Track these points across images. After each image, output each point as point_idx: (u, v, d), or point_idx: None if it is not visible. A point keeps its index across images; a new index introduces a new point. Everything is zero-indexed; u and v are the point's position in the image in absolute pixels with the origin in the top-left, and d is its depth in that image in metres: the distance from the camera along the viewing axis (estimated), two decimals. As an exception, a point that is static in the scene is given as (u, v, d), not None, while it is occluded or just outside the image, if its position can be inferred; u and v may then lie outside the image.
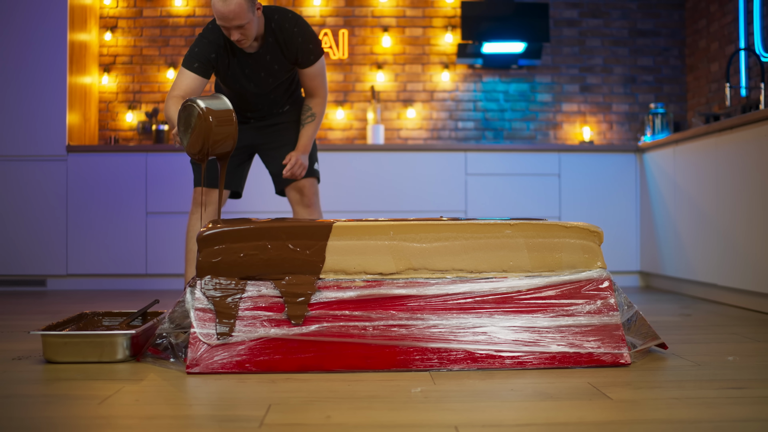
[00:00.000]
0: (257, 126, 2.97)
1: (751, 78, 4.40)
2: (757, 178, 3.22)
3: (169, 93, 2.69)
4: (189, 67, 2.68)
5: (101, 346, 2.06)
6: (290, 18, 2.71)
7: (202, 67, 2.68)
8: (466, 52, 5.02)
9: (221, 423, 1.47)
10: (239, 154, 2.96)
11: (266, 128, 2.97)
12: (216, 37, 2.69)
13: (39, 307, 3.47)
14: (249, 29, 2.58)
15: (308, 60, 2.76)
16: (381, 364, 1.94)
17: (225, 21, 2.52)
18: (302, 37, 2.71)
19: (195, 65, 2.68)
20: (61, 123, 4.49)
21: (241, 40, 2.59)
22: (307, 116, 2.89)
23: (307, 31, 2.73)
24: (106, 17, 5.12)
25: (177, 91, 2.67)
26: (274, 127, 2.97)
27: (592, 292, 2.05)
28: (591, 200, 4.53)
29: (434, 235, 2.07)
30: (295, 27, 2.70)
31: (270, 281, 2.00)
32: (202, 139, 2.28)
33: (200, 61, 2.68)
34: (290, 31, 2.70)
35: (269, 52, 2.73)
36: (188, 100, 2.31)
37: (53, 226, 4.42)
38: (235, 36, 2.57)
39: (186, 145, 2.35)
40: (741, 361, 2.08)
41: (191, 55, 2.69)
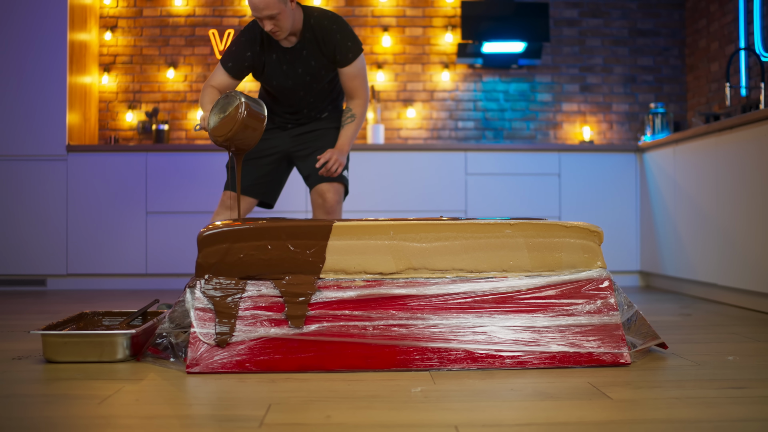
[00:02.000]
0: (295, 133, 2.95)
1: (751, 78, 4.40)
2: (757, 178, 3.22)
3: (206, 82, 2.77)
4: (224, 64, 2.75)
5: (101, 346, 2.06)
6: (329, 16, 2.74)
7: (236, 68, 2.74)
8: (466, 52, 5.02)
9: (221, 423, 1.47)
10: (272, 159, 2.93)
11: (303, 135, 2.95)
12: (253, 34, 2.74)
13: (39, 307, 3.47)
14: (282, 20, 2.60)
15: (346, 58, 2.76)
16: (381, 363, 1.94)
17: (257, 11, 2.57)
18: (340, 33, 2.73)
19: (229, 64, 2.75)
20: (61, 123, 4.49)
21: (275, 31, 2.62)
22: (348, 117, 2.88)
23: (345, 29, 2.75)
24: (106, 17, 5.12)
25: (213, 82, 2.75)
26: (312, 133, 2.94)
27: (592, 292, 2.05)
28: (591, 200, 4.53)
29: (434, 234, 2.07)
30: (333, 24, 2.72)
31: (270, 281, 2.01)
32: (230, 125, 2.36)
33: (234, 61, 2.74)
34: (329, 28, 2.72)
35: (306, 47, 2.74)
36: (233, 92, 2.40)
37: (53, 225, 4.42)
38: (268, 26, 2.60)
39: (213, 127, 2.40)
40: (741, 360, 2.08)
41: (229, 53, 2.76)
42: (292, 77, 2.79)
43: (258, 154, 2.91)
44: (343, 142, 2.84)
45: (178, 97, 5.12)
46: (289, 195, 4.41)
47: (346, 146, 2.84)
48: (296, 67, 2.78)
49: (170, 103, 5.12)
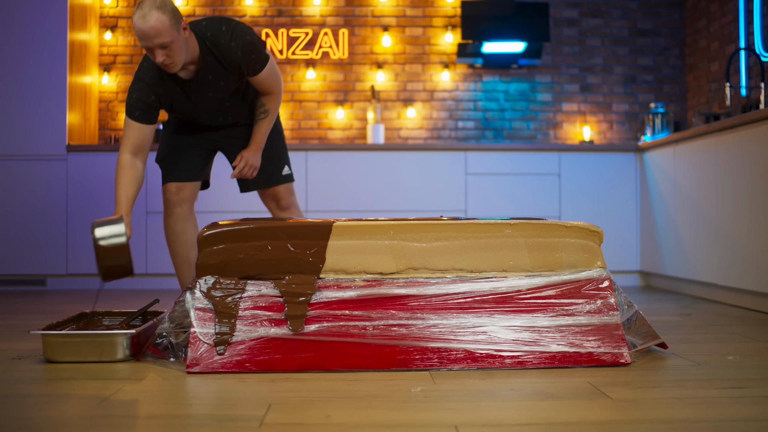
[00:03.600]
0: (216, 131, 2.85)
1: (751, 77, 4.40)
2: (757, 178, 3.22)
3: (120, 149, 2.54)
4: (131, 116, 2.54)
5: (101, 346, 2.06)
6: (224, 32, 2.51)
7: (145, 114, 2.54)
8: (466, 52, 5.02)
9: (221, 422, 1.47)
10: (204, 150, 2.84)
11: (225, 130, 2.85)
12: (151, 76, 2.53)
13: (39, 307, 3.47)
14: (175, 50, 2.38)
15: (254, 69, 2.58)
16: (381, 363, 1.94)
17: (146, 40, 2.33)
18: (241, 50, 2.52)
19: (136, 113, 2.54)
20: (61, 122, 4.49)
21: (167, 63, 2.39)
22: (261, 112, 2.74)
23: (244, 41, 2.52)
24: (106, 17, 5.12)
25: (126, 147, 2.53)
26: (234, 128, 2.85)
27: (592, 292, 2.05)
28: (591, 200, 4.53)
29: (434, 234, 2.07)
30: (231, 41, 2.51)
31: (270, 281, 2.01)
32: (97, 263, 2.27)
33: (141, 108, 2.53)
34: (227, 47, 2.51)
35: (210, 71, 2.56)
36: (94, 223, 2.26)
37: (53, 225, 4.42)
38: (160, 57, 2.36)
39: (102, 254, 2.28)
40: (741, 360, 2.08)
41: (131, 102, 2.54)
42: (203, 104, 2.64)
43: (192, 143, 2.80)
44: (258, 139, 2.74)
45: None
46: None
47: (261, 143, 2.75)
48: (204, 94, 2.61)
49: (170, 103, 5.12)
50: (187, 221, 2.79)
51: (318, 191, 4.47)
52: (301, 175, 4.47)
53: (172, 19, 2.36)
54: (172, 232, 2.79)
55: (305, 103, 5.14)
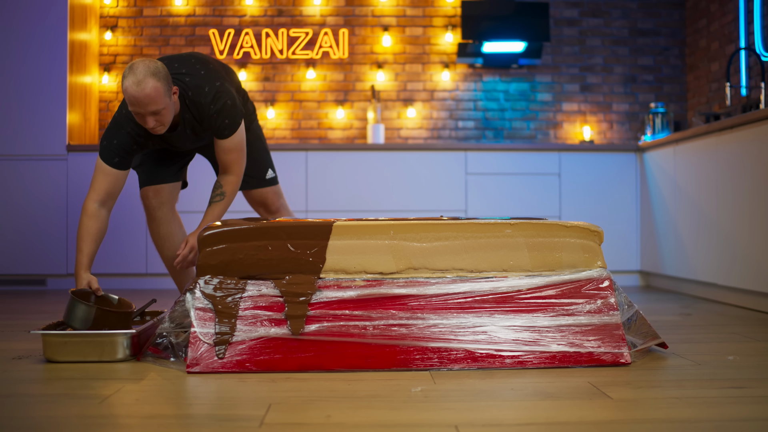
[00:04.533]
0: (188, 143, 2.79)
1: (751, 77, 4.40)
2: (757, 178, 3.21)
3: (87, 195, 2.45)
4: (109, 161, 2.44)
5: (101, 346, 2.06)
6: (206, 93, 2.46)
7: (123, 161, 2.46)
8: (467, 52, 5.02)
9: (221, 422, 1.47)
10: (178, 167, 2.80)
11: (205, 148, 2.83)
12: (133, 126, 2.45)
13: (39, 307, 3.47)
14: (165, 115, 2.34)
15: (222, 134, 2.51)
16: (381, 363, 1.94)
17: (139, 107, 2.28)
18: (218, 113, 2.47)
19: (115, 160, 2.44)
20: (61, 122, 4.49)
21: (156, 127, 2.35)
22: (216, 194, 2.58)
23: (224, 104, 2.47)
24: (106, 16, 5.12)
25: (95, 194, 2.43)
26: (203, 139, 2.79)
27: (593, 292, 2.05)
28: (591, 200, 4.53)
29: (434, 234, 2.07)
30: (212, 104, 2.46)
31: (270, 281, 2.01)
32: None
33: (120, 156, 2.45)
34: (206, 108, 2.46)
35: (188, 127, 2.53)
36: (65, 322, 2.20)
37: (53, 225, 4.42)
38: (150, 123, 2.32)
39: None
40: (741, 360, 2.08)
41: (110, 148, 2.44)
42: (180, 148, 2.65)
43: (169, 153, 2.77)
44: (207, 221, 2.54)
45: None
46: (289, 195, 4.41)
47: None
48: (183, 143, 2.60)
49: (170, 102, 5.12)
50: (171, 223, 2.76)
51: (318, 191, 4.47)
52: (301, 175, 4.47)
53: (166, 85, 2.31)
54: (158, 237, 2.76)
55: (305, 102, 5.14)
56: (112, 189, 2.47)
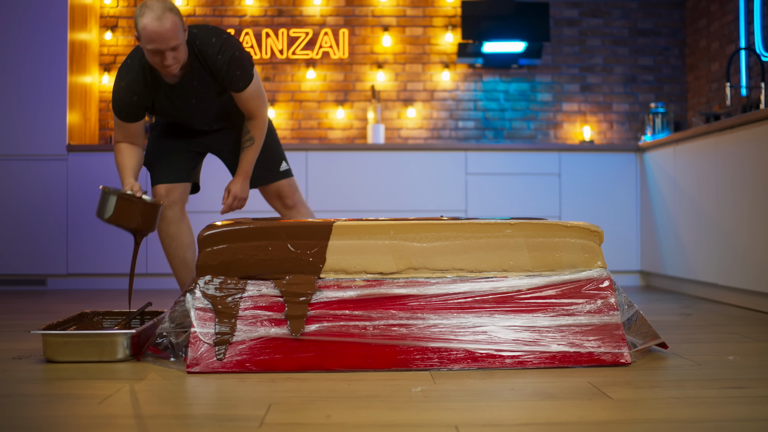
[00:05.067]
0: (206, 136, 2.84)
1: (751, 77, 4.40)
2: (757, 178, 3.21)
3: (114, 140, 2.64)
4: (118, 115, 2.56)
5: (102, 346, 2.06)
6: (213, 43, 2.48)
7: (130, 114, 2.54)
8: (467, 52, 5.02)
9: (221, 422, 1.47)
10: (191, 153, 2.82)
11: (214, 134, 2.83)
12: (133, 76, 2.49)
13: (39, 307, 3.47)
14: (181, 52, 2.38)
15: (237, 87, 2.56)
16: (381, 363, 1.94)
17: (160, 43, 2.29)
18: (227, 64, 2.49)
19: (122, 114, 2.55)
20: (61, 122, 4.49)
21: (172, 65, 2.37)
22: (246, 140, 2.69)
23: (232, 56, 2.50)
24: (106, 16, 5.12)
25: (119, 137, 2.61)
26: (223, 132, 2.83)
27: (593, 292, 2.05)
28: (591, 200, 4.53)
29: (434, 234, 2.07)
30: (219, 54, 2.48)
31: (270, 281, 2.01)
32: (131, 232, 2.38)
33: (125, 110, 2.53)
34: (214, 58, 2.48)
35: (195, 77, 2.53)
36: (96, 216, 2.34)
37: (53, 225, 4.42)
38: (168, 60, 2.34)
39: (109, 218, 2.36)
40: (741, 360, 2.08)
41: (115, 103, 2.55)
42: (186, 109, 2.62)
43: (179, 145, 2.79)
44: (245, 167, 2.70)
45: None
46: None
47: (249, 171, 2.72)
48: (188, 99, 2.58)
49: (170, 102, 5.12)
50: (180, 223, 2.77)
51: (318, 191, 4.47)
52: (301, 175, 4.47)
53: (181, 21, 2.37)
54: (166, 236, 2.77)
55: (305, 103, 5.14)
56: (132, 134, 2.59)
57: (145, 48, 2.34)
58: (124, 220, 2.33)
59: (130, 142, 2.61)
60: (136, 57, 2.52)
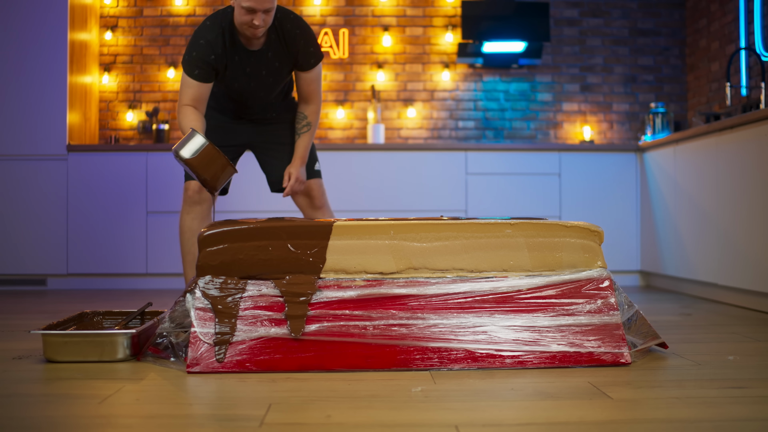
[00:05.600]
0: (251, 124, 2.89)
1: (751, 77, 4.40)
2: (757, 178, 3.21)
3: (178, 103, 2.63)
4: (190, 74, 2.58)
5: (102, 346, 2.06)
6: (292, 19, 2.64)
7: (204, 73, 2.58)
8: (467, 52, 5.02)
9: (221, 422, 1.47)
10: (232, 152, 2.89)
11: (261, 125, 2.89)
12: (214, 36, 2.56)
13: (39, 307, 3.47)
14: (270, 17, 2.51)
15: (308, 63, 2.69)
16: (381, 363, 1.94)
17: (258, 2, 2.43)
18: (304, 39, 2.64)
19: (195, 72, 2.57)
20: (61, 122, 4.49)
21: (260, 27, 2.49)
22: (303, 125, 2.80)
23: (307, 32, 2.66)
24: (106, 16, 5.12)
25: (185, 101, 2.59)
26: (270, 125, 2.89)
27: (593, 292, 2.05)
28: (591, 200, 4.53)
29: (435, 234, 2.07)
30: (297, 29, 2.63)
31: (270, 281, 2.01)
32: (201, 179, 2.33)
33: (200, 67, 2.57)
34: (292, 32, 2.62)
35: (271, 48, 2.64)
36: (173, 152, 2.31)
37: (53, 225, 4.42)
38: (258, 20, 2.46)
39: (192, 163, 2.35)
40: (741, 360, 2.08)
41: (190, 60, 2.57)
42: (255, 79, 2.69)
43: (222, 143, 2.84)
44: (302, 153, 2.79)
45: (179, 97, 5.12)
46: (290, 195, 4.41)
47: (305, 157, 2.81)
48: (260, 69, 2.67)
49: (170, 102, 5.12)
50: (204, 221, 2.81)
51: (318, 191, 4.47)
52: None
53: None
54: (188, 229, 2.80)
55: (305, 102, 5.14)
56: (199, 97, 2.60)
57: (241, 5, 2.45)
58: (204, 167, 2.29)
59: (195, 107, 2.59)
60: (217, 18, 2.59)
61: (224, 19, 2.58)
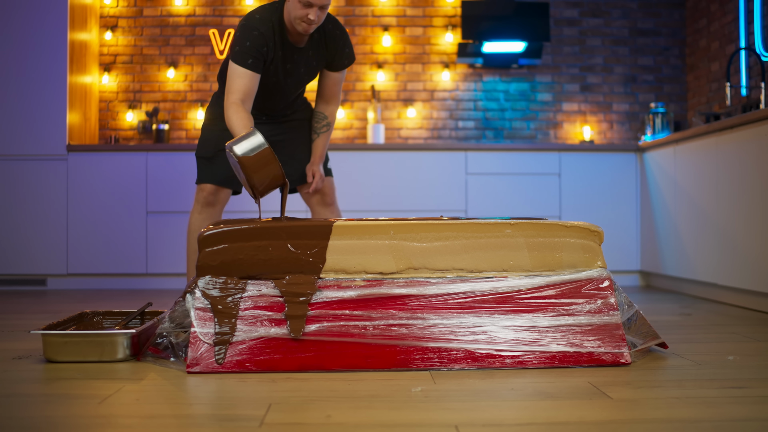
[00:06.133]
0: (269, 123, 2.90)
1: (751, 77, 4.40)
2: (757, 178, 3.21)
3: (226, 97, 2.55)
4: (243, 63, 2.54)
5: (102, 346, 2.06)
6: (332, 20, 2.72)
7: (257, 63, 2.56)
8: (467, 52, 5.02)
9: (221, 422, 1.47)
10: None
11: (277, 124, 2.91)
12: (266, 28, 2.58)
13: (39, 307, 3.47)
14: (324, 13, 2.56)
15: (342, 64, 2.77)
16: (381, 363, 1.94)
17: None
18: (343, 40, 2.73)
19: (249, 61, 2.54)
20: (61, 122, 4.49)
21: (314, 23, 2.53)
22: (323, 125, 2.87)
23: (346, 35, 2.76)
24: (106, 16, 5.12)
25: (235, 95, 2.52)
26: (285, 124, 2.92)
27: (593, 292, 2.05)
28: (591, 200, 4.53)
29: (434, 234, 2.07)
30: (336, 30, 2.71)
31: (270, 281, 2.00)
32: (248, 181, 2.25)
33: (254, 56, 2.55)
34: (332, 33, 2.70)
35: (312, 47, 2.70)
36: (227, 146, 2.23)
37: (53, 225, 4.42)
38: (313, 15, 2.50)
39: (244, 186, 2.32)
40: (741, 360, 2.08)
41: (243, 50, 2.54)
42: (291, 76, 2.73)
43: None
44: (321, 152, 2.88)
45: (179, 97, 5.12)
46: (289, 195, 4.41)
47: (323, 155, 2.90)
48: (299, 67, 2.72)
49: (170, 102, 5.12)
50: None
51: (318, 191, 4.47)
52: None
53: None
54: (196, 230, 2.82)
55: (305, 102, 5.14)
56: (249, 90, 2.55)
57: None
58: (255, 169, 2.19)
59: (243, 102, 2.53)
60: (266, 12, 2.62)
61: (274, 13, 2.61)
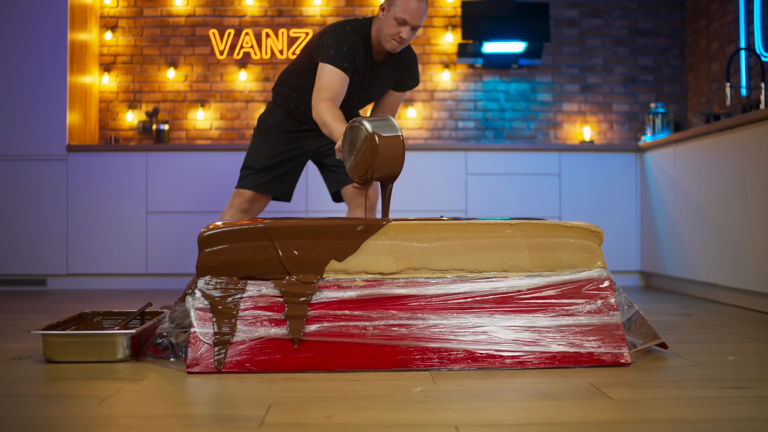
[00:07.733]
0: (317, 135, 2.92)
1: (751, 78, 4.40)
2: (757, 178, 3.21)
3: (316, 95, 2.55)
4: (339, 65, 2.57)
5: (101, 346, 2.06)
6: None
7: (351, 68, 2.61)
8: (467, 52, 5.02)
9: (221, 422, 1.47)
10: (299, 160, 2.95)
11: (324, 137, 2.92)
12: (359, 40, 2.65)
13: (39, 307, 3.47)
14: (415, 34, 2.63)
15: (408, 85, 2.86)
16: (381, 363, 1.94)
17: (414, 19, 2.55)
18: (414, 63, 2.84)
19: (345, 65, 2.59)
20: (61, 122, 4.49)
21: (404, 41, 2.61)
22: None
23: (416, 58, 2.86)
24: (106, 17, 5.12)
25: (327, 93, 2.54)
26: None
27: (593, 292, 2.05)
28: (591, 200, 4.53)
29: (434, 234, 2.07)
30: (410, 52, 2.82)
31: (270, 281, 2.00)
32: (367, 163, 2.14)
33: (349, 61, 2.60)
34: (407, 55, 2.81)
35: (390, 66, 2.78)
36: (355, 121, 2.17)
37: (53, 225, 4.42)
38: (405, 34, 2.58)
39: (349, 167, 2.23)
40: (741, 360, 2.08)
41: (340, 54, 2.58)
42: (364, 90, 2.78)
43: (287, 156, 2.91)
44: None
45: (179, 97, 5.12)
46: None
47: None
48: (375, 83, 2.78)
49: (170, 103, 5.12)
50: None
51: (318, 191, 4.47)
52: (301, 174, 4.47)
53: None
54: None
55: (305, 103, 5.14)
56: (340, 91, 2.58)
57: (396, 15, 2.56)
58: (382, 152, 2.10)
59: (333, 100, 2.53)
60: (356, 26, 2.68)
61: (362, 28, 2.69)
